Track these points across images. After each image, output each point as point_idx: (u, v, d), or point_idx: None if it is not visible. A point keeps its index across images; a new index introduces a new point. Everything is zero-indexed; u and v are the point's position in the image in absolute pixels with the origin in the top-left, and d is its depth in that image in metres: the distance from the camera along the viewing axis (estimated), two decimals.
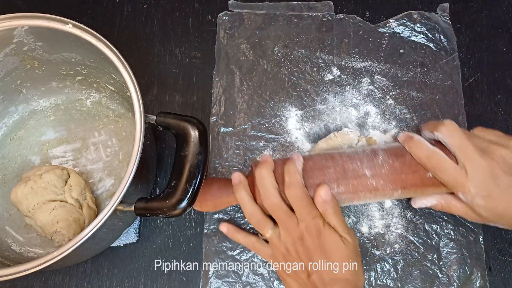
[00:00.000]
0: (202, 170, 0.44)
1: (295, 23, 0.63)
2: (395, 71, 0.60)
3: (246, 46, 0.61)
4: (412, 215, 0.54)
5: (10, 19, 0.46)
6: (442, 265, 0.52)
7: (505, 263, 0.53)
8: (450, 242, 0.53)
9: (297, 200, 0.45)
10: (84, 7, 0.64)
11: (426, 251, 0.53)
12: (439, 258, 0.52)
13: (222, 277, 0.52)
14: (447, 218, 0.54)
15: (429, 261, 0.52)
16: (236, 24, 0.62)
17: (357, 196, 0.47)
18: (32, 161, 0.55)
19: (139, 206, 0.42)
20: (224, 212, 0.54)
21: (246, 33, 0.62)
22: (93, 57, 0.49)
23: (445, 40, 0.62)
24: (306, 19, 0.63)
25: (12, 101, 0.56)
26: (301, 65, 0.61)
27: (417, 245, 0.53)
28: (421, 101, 0.59)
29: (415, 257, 0.52)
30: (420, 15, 0.63)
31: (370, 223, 0.54)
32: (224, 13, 0.63)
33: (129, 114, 0.57)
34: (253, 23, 0.62)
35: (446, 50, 0.61)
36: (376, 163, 0.47)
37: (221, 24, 0.62)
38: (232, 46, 0.61)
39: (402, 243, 0.53)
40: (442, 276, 0.52)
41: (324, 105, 0.59)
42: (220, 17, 0.63)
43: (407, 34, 0.62)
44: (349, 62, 0.61)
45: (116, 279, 0.52)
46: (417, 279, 0.52)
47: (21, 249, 0.52)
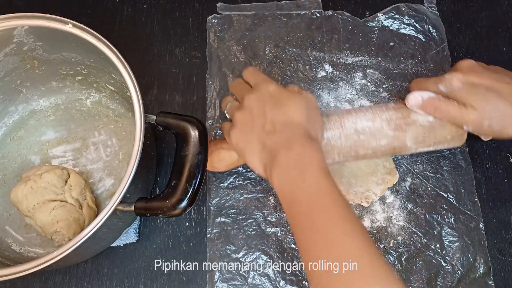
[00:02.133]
0: (202, 170, 0.44)
1: (284, 22, 0.63)
2: (387, 64, 0.61)
3: (237, 48, 0.61)
4: (412, 206, 0.54)
5: (10, 19, 0.46)
6: (445, 254, 0.52)
7: (505, 263, 0.53)
8: (451, 230, 0.53)
9: (253, 74, 0.51)
10: (84, 7, 0.64)
11: (428, 241, 0.53)
12: (442, 247, 0.53)
13: (228, 280, 0.51)
14: (447, 207, 0.54)
15: (432, 250, 0.52)
16: (225, 26, 0.62)
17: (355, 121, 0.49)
18: (32, 161, 0.55)
19: (139, 206, 0.42)
20: (226, 215, 0.54)
21: (236, 35, 0.62)
22: (93, 57, 0.49)
23: (433, 30, 0.62)
24: (295, 17, 0.63)
25: (12, 101, 0.56)
26: (293, 64, 0.61)
27: (419, 236, 0.53)
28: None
29: (418, 248, 0.53)
30: (408, 8, 0.63)
31: (372, 217, 0.54)
32: (213, 16, 0.63)
33: (129, 114, 0.57)
34: (242, 25, 0.62)
35: (436, 41, 0.62)
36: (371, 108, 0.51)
37: (211, 27, 0.62)
38: (223, 48, 0.61)
39: (404, 235, 0.53)
40: (446, 265, 0.52)
41: (319, 102, 0.59)
42: (209, 20, 0.63)
43: (396, 27, 0.62)
44: (341, 58, 0.61)
45: (116, 279, 0.52)
46: (422, 269, 0.52)
47: (21, 249, 0.52)
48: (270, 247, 0.53)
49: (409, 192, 0.55)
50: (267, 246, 0.53)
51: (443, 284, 0.51)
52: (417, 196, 0.55)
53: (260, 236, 0.53)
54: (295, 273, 0.52)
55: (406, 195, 0.55)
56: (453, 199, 0.55)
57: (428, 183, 0.55)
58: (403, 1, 0.64)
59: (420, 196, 0.55)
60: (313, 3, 0.63)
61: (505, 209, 0.55)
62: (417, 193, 0.55)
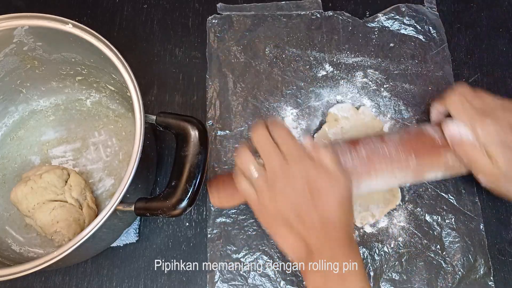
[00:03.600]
0: (202, 170, 0.44)
1: (284, 22, 0.63)
2: (387, 65, 0.61)
3: (237, 49, 0.61)
4: (413, 207, 0.54)
5: (10, 19, 0.46)
6: (445, 255, 0.52)
7: (505, 263, 0.53)
8: (452, 231, 0.53)
9: (281, 133, 0.44)
10: (84, 7, 0.64)
11: (429, 242, 0.53)
12: (442, 248, 0.53)
13: (229, 280, 0.51)
14: (447, 208, 0.54)
15: (433, 251, 0.52)
16: (225, 27, 0.62)
17: (373, 167, 0.48)
18: (32, 161, 0.55)
19: (139, 206, 0.42)
20: (226, 216, 0.54)
21: (236, 36, 0.62)
22: (93, 57, 0.49)
23: (434, 31, 0.62)
24: (295, 18, 0.63)
25: (12, 101, 0.56)
26: (293, 64, 0.61)
27: (420, 237, 0.53)
28: (414, 93, 0.59)
29: (419, 249, 0.53)
30: (408, 8, 0.63)
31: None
32: (213, 16, 0.63)
33: (129, 114, 0.57)
34: (242, 25, 0.62)
35: (436, 41, 0.62)
36: (385, 138, 0.50)
37: (211, 27, 0.62)
38: (223, 49, 0.61)
39: (405, 236, 0.53)
40: (446, 266, 0.52)
41: (319, 101, 0.59)
42: (209, 21, 0.63)
43: (396, 27, 0.62)
44: (341, 58, 0.61)
45: (116, 279, 0.52)
46: (422, 270, 0.52)
47: (21, 249, 0.52)
48: (271, 248, 0.53)
49: (409, 193, 0.55)
50: (267, 246, 0.53)
51: (444, 285, 0.51)
52: (418, 197, 0.55)
53: (261, 236, 0.53)
54: (295, 273, 0.52)
55: (406, 196, 0.55)
56: (454, 199, 0.55)
57: (428, 184, 0.55)
58: (403, 2, 0.64)
59: (420, 196, 0.55)
60: (313, 4, 0.63)
61: (505, 209, 0.55)
62: (417, 194, 0.55)
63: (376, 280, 0.51)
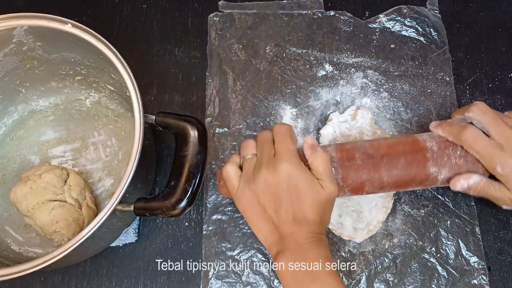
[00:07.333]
0: (201, 170, 0.44)
1: (285, 21, 0.63)
2: (387, 66, 0.61)
3: (238, 46, 0.61)
4: (409, 208, 0.54)
5: (10, 19, 0.46)
6: (440, 257, 0.52)
7: (505, 263, 0.53)
8: (447, 234, 0.53)
9: (283, 135, 0.46)
10: (84, 7, 0.64)
11: (424, 243, 0.53)
12: (437, 250, 0.52)
13: (223, 277, 0.52)
14: (443, 210, 0.54)
15: (428, 253, 0.52)
16: (227, 24, 0.62)
17: (362, 190, 0.48)
18: (32, 161, 0.55)
19: (139, 206, 0.43)
20: (222, 213, 0.54)
21: (237, 33, 0.62)
22: (93, 57, 0.49)
23: (435, 33, 0.62)
24: (297, 17, 0.63)
25: (12, 101, 0.56)
26: (293, 63, 0.61)
27: (415, 238, 0.53)
28: (414, 94, 0.59)
29: (414, 250, 0.53)
30: (410, 9, 0.63)
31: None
32: (214, 14, 0.63)
33: (129, 114, 0.57)
34: (244, 23, 0.62)
35: (437, 44, 0.62)
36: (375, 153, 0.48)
37: (212, 25, 0.62)
38: (224, 46, 0.61)
39: (401, 237, 0.53)
40: (441, 269, 0.52)
41: (318, 101, 0.59)
42: (210, 18, 0.63)
43: (397, 28, 0.62)
44: (341, 58, 0.61)
45: (116, 279, 0.52)
46: (416, 272, 0.52)
47: (20, 249, 0.52)
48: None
49: (405, 194, 0.55)
50: (262, 244, 0.53)
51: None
52: (414, 198, 0.55)
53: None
54: None
55: (402, 197, 0.55)
56: (450, 202, 0.54)
57: None
58: (402, 2, 0.63)
59: (417, 198, 0.55)
60: (315, 3, 0.63)
61: (504, 210, 0.55)
62: (414, 195, 0.55)
63: (370, 281, 0.51)
